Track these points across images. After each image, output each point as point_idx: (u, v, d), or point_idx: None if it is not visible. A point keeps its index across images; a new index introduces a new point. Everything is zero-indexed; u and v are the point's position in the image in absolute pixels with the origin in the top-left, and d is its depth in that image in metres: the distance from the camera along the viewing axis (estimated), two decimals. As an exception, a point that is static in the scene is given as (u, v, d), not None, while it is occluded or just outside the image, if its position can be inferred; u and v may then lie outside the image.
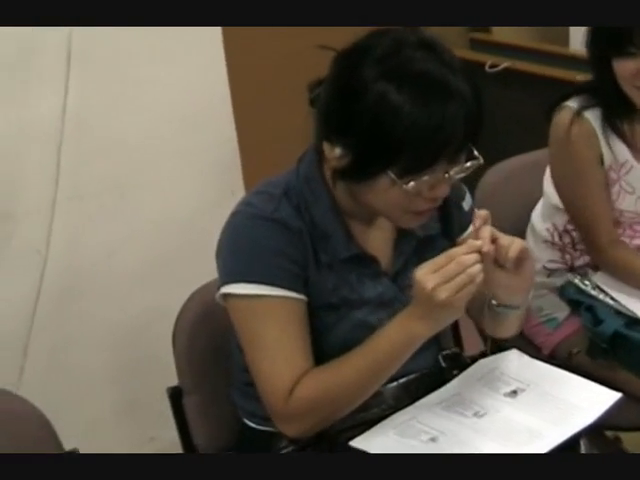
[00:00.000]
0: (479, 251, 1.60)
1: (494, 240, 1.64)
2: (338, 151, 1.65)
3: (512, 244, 1.65)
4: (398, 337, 1.66)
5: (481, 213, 1.65)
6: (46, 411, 1.83)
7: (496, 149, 2.48)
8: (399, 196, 1.64)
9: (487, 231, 1.63)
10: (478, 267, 1.59)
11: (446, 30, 3.62)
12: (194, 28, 2.53)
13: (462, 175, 1.67)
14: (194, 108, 2.67)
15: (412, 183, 1.61)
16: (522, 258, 1.67)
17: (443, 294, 1.56)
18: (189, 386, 2.01)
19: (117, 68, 2.52)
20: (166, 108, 2.63)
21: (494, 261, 1.66)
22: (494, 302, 1.80)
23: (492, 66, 3.72)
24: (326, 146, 1.67)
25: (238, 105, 2.78)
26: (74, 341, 2.62)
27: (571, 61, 3.37)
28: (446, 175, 1.64)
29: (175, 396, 2.02)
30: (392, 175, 1.61)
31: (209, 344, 2.01)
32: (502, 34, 3.89)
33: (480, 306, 1.84)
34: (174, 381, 2.03)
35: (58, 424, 1.83)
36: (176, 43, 2.58)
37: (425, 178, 1.62)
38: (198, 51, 2.64)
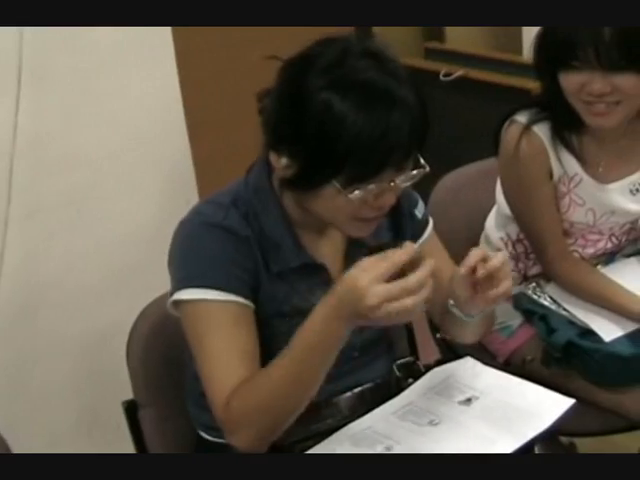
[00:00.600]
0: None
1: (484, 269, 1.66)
2: (284, 161, 1.65)
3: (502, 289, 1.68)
4: (321, 338, 1.58)
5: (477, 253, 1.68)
6: (3, 427, 1.81)
7: (450, 157, 2.50)
8: (345, 205, 1.64)
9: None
10: (422, 296, 1.53)
11: (401, 39, 3.66)
12: (146, 40, 2.52)
13: (408, 183, 1.67)
14: (147, 120, 2.66)
15: (357, 192, 1.61)
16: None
17: (382, 312, 1.50)
18: (144, 399, 2.00)
19: (69, 81, 2.51)
20: (119, 121, 2.62)
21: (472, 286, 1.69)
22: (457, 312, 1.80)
23: (446, 74, 3.74)
24: (273, 156, 1.67)
25: (191, 116, 2.78)
26: (32, 357, 2.61)
27: (525, 69, 3.35)
28: (392, 184, 1.64)
29: (131, 410, 2.01)
30: (337, 185, 1.61)
31: (163, 357, 2.00)
32: (456, 42, 3.91)
33: (442, 313, 1.85)
34: (132, 395, 2.02)
35: (15, 440, 1.82)
36: (128, 55, 2.57)
37: (371, 187, 1.62)
38: (150, 64, 2.64)
